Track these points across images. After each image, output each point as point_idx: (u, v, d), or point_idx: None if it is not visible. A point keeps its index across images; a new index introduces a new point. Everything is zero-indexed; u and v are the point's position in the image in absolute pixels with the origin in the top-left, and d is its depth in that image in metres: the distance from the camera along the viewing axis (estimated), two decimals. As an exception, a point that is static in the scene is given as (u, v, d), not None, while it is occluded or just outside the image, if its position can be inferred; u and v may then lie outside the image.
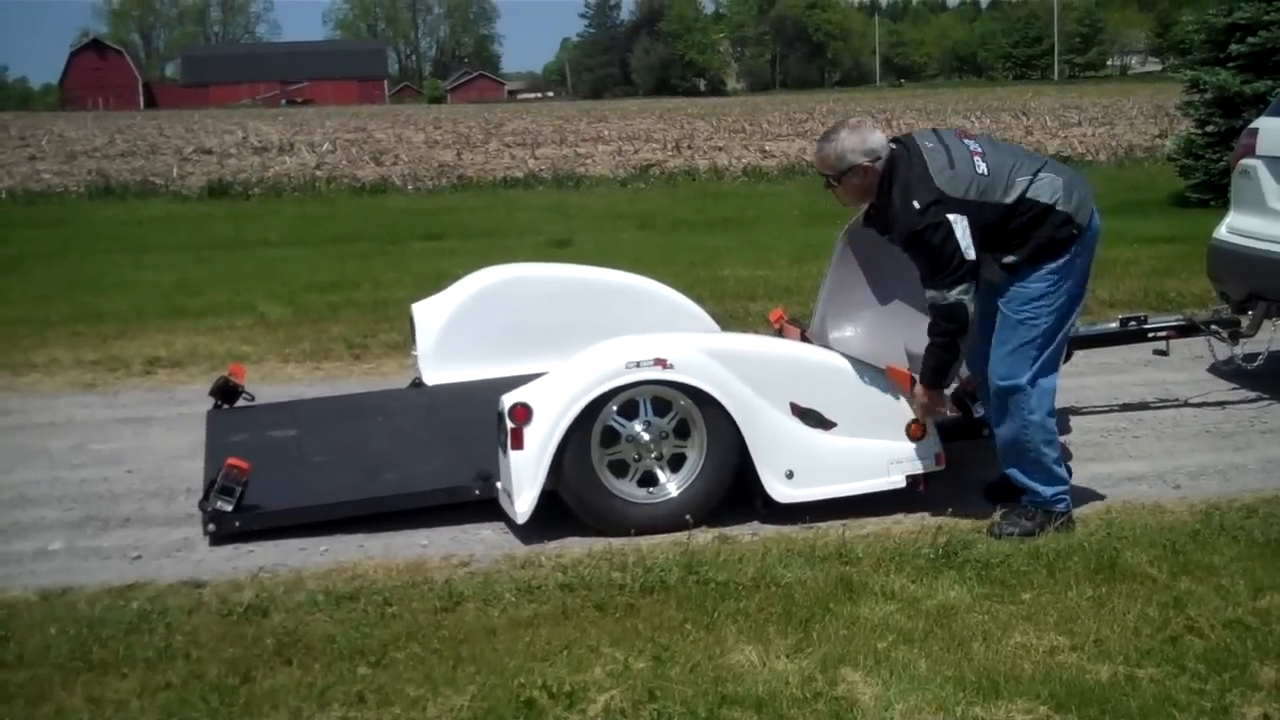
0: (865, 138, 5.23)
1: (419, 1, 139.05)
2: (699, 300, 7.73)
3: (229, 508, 5.26)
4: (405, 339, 8.01)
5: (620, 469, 5.36)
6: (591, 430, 5.26)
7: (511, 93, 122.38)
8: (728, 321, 8.71)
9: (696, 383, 5.28)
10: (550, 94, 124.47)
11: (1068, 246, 5.18)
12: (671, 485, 5.38)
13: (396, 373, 8.21)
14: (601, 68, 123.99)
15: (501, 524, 5.40)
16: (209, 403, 7.09)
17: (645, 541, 5.15)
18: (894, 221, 5.20)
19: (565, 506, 5.29)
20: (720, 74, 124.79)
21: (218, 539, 5.30)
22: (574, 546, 5.17)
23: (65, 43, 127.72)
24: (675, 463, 5.39)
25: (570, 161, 27.74)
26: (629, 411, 5.34)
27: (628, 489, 5.35)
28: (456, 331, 7.25)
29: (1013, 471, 5.34)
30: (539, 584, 4.69)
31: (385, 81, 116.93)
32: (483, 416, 5.66)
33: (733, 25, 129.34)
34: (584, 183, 23.81)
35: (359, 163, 27.92)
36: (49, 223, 18.12)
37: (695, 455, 5.37)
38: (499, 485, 5.37)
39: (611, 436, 5.33)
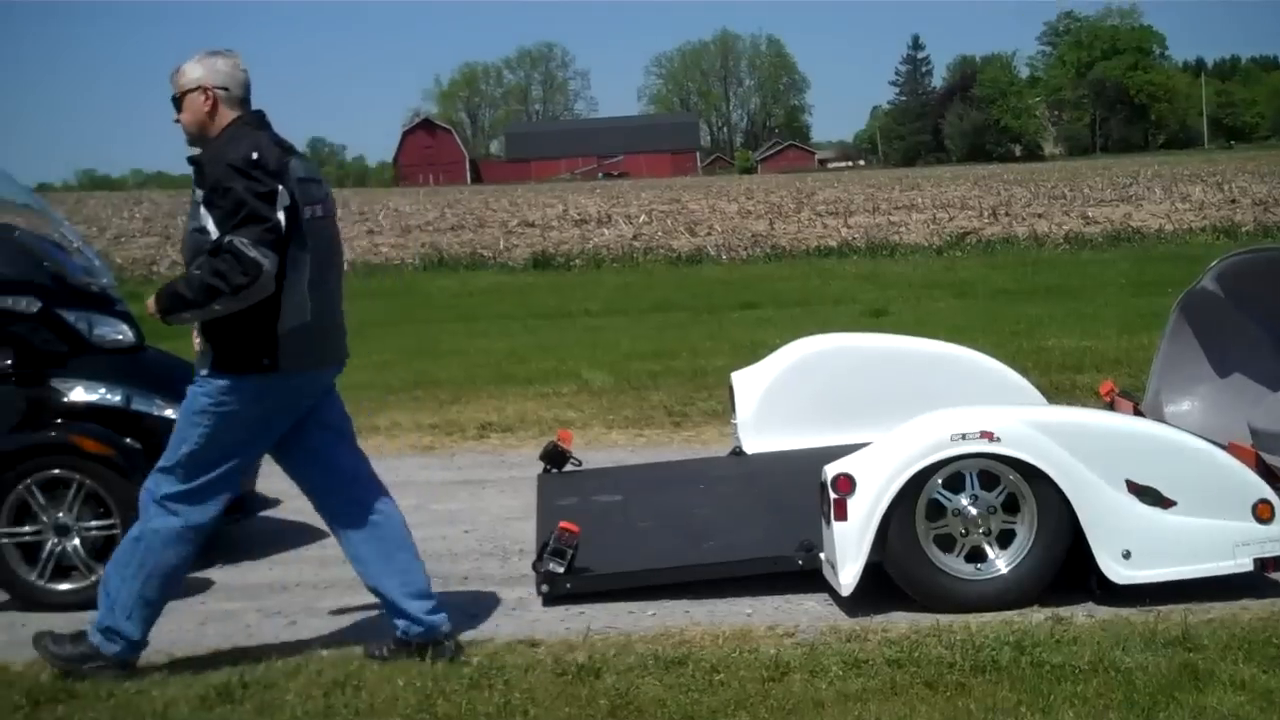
0: (216, 64, 4.68)
1: (730, 75, 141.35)
2: (1022, 371, 7.58)
3: (561, 570, 5.43)
4: (725, 407, 8.14)
5: (947, 543, 5.27)
6: (916, 503, 5.20)
7: (822, 162, 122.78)
8: (1054, 394, 8.51)
9: (1025, 457, 5.16)
10: (861, 162, 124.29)
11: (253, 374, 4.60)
12: (1000, 562, 5.25)
13: (716, 441, 8.34)
14: (913, 135, 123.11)
15: (825, 595, 5.39)
16: (539, 466, 7.37)
17: (974, 619, 5.04)
18: (215, 163, 4.54)
19: (890, 580, 5.24)
20: (1037, 138, 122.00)
21: (550, 600, 5.48)
22: (900, 621, 5.11)
23: (398, 122, 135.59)
24: (1004, 539, 5.27)
25: (883, 230, 27.63)
26: (955, 485, 5.26)
27: (954, 564, 5.25)
28: (775, 401, 7.33)
29: (105, 576, 4.78)
30: (866, 658, 4.66)
31: (697, 153, 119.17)
32: (803, 486, 5.69)
33: (1049, 89, 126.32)
34: (898, 251, 23.67)
35: (674, 233, 28.54)
36: (387, 293, 19.23)
37: (1025, 532, 5.23)
38: (822, 556, 5.36)
39: (937, 510, 5.26)
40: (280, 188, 4.54)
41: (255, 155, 4.54)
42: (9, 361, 6.08)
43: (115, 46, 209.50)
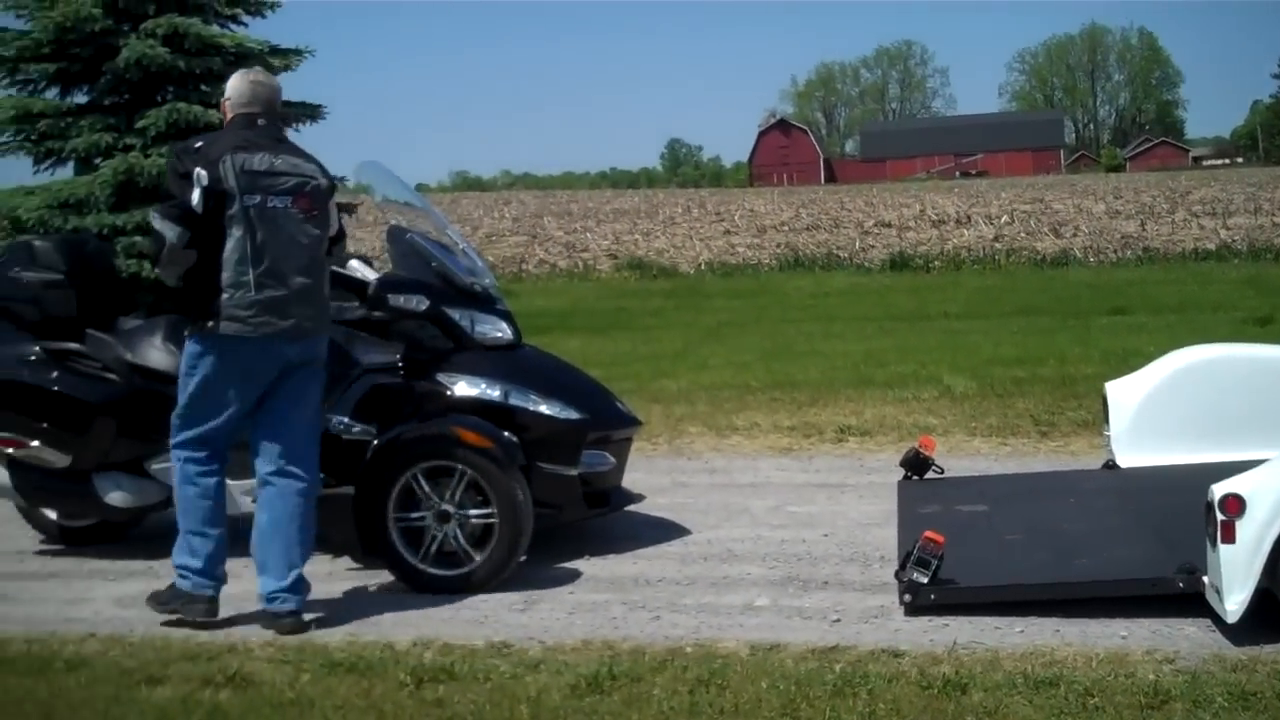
0: (237, 79, 5.68)
1: (1098, 69, 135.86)
2: None
3: (925, 580, 5.33)
4: (1096, 418, 7.83)
5: (1348, 573, 4.89)
6: (1314, 529, 4.84)
7: (1196, 159, 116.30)
8: None
9: None
10: (1239, 159, 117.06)
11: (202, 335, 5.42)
12: None
13: (1086, 452, 8.03)
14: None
15: (1207, 621, 5.08)
16: (898, 472, 7.27)
17: (1378, 657, 4.65)
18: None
19: (1282, 609, 4.90)
20: None
21: (912, 610, 5.38)
22: (1293, 653, 4.77)
23: (753, 123, 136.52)
24: None
25: (1266, 232, 25.98)
26: (1358, 511, 4.86)
27: (1357, 596, 4.87)
28: (1153, 413, 7.00)
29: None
30: (1254, 690, 4.36)
31: (1061, 151, 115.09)
32: (1183, 504, 5.41)
33: None
34: (1285, 255, 22.24)
35: (1037, 234, 27.64)
36: (744, 293, 19.45)
37: None
38: (1206, 580, 5.06)
39: (1337, 537, 4.88)
40: (201, 170, 5.30)
41: (198, 144, 5.46)
42: (398, 357, 6.45)
43: (485, 53, 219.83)
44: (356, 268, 6.69)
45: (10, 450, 6.58)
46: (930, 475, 7.20)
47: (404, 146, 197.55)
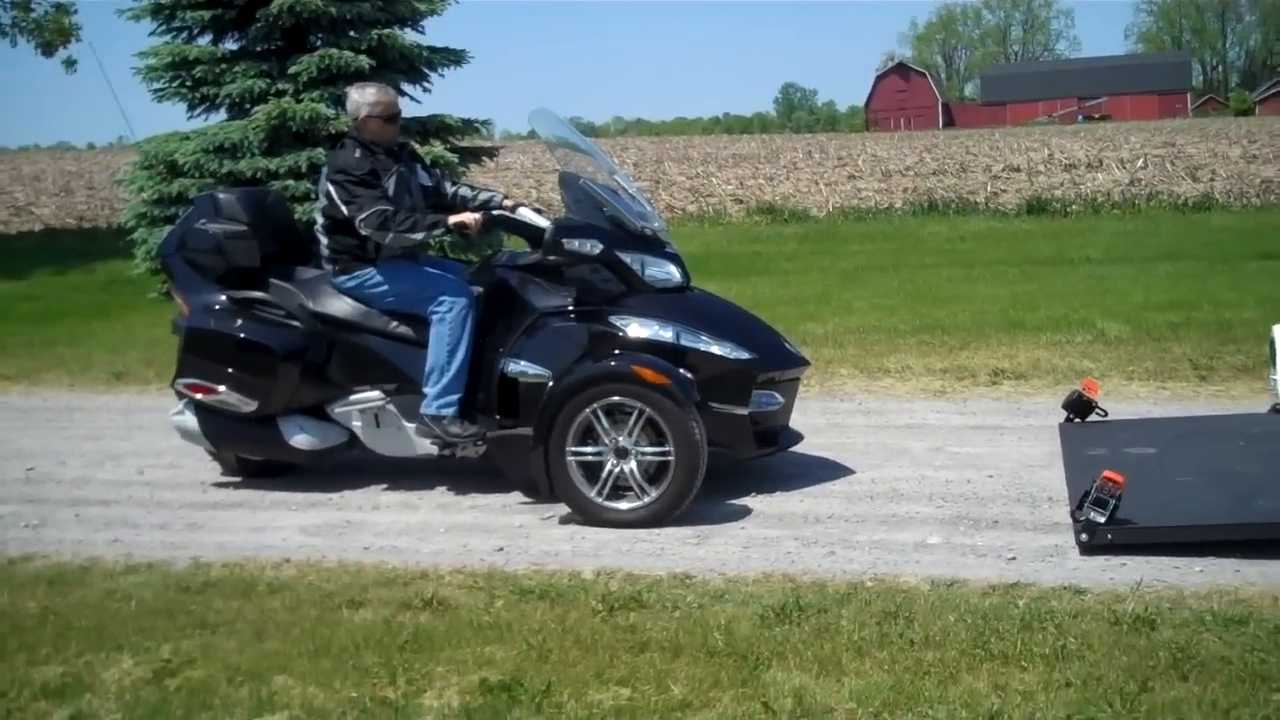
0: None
1: (1229, 10, 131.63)
2: None
3: (1102, 519, 5.37)
4: (1257, 362, 7.76)
5: None
6: None
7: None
8: None
9: None
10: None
11: None
12: None
13: (1248, 396, 7.97)
14: None
15: (1390, 563, 5.07)
16: (1056, 415, 7.27)
17: None
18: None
19: None
20: None
21: (1088, 549, 5.43)
22: None
23: (869, 67, 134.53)
24: None
25: None
26: None
27: None
28: (1322, 356, 6.92)
29: None
30: None
31: (1188, 95, 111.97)
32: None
33: None
34: None
35: (1174, 179, 27.02)
36: (878, 237, 19.35)
37: None
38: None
39: None
40: None
41: None
42: (570, 299, 6.60)
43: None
44: (529, 215, 6.84)
45: (199, 396, 6.87)
46: (1093, 418, 7.21)
47: (516, 92, 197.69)
